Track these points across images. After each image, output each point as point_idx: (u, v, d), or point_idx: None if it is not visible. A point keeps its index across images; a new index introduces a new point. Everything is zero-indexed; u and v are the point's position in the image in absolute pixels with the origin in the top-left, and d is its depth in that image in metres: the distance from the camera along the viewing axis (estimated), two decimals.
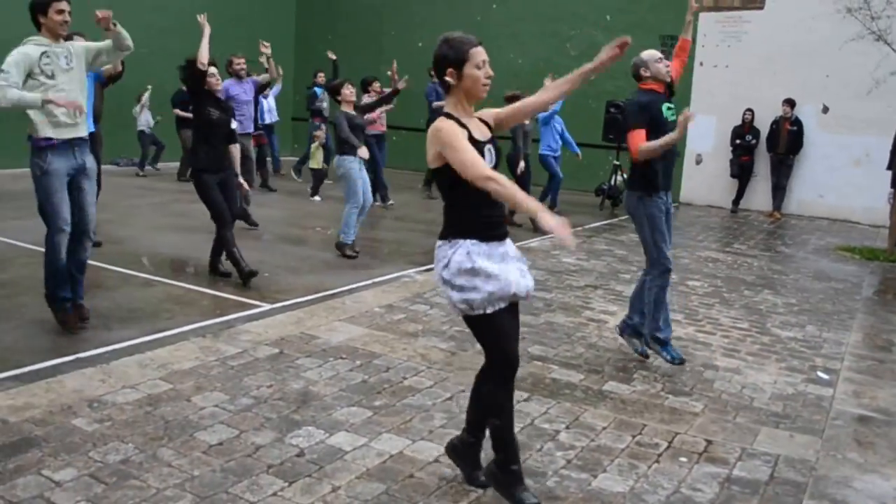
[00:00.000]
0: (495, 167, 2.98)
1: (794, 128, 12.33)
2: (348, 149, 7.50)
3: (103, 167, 7.00)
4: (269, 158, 12.86)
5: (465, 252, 2.93)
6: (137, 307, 5.61)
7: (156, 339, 4.90)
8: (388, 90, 9.59)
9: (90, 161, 5.00)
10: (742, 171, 12.81)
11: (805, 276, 8.17)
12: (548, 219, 2.64)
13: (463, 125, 2.96)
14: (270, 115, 13.62)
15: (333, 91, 7.74)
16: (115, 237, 7.90)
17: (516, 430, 3.80)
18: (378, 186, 11.12)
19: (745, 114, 12.65)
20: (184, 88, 12.22)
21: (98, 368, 4.32)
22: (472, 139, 2.92)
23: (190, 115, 7.36)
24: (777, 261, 8.96)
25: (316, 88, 13.21)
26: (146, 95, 13.06)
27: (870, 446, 3.98)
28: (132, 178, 12.94)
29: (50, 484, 3.10)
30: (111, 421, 3.68)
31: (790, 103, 12.22)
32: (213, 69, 6.30)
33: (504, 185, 2.76)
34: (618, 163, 12.21)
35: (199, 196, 6.34)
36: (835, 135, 12.42)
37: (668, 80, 4.85)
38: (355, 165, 7.49)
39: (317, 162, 11.88)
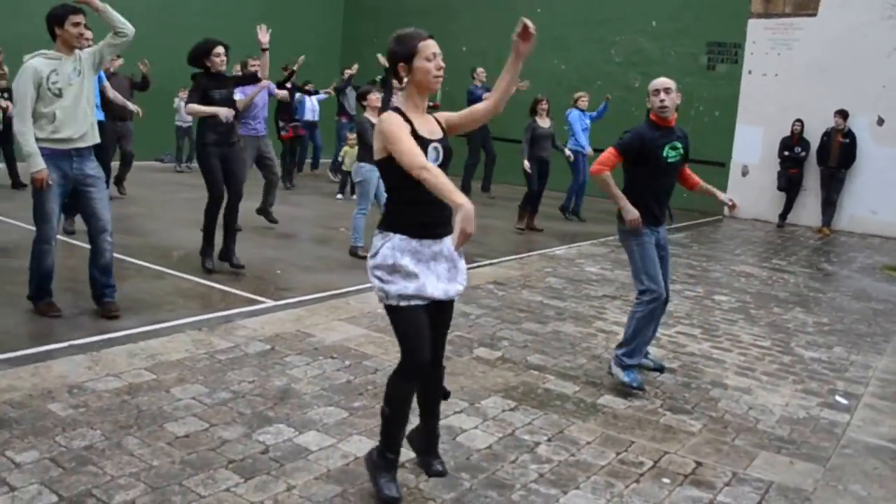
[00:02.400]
0: (442, 167, 2.97)
1: (847, 140, 11.83)
2: (367, 156, 7.45)
3: (146, 163, 7.09)
4: (296, 158, 12.94)
5: (391, 246, 2.98)
6: (142, 298, 5.65)
7: (152, 331, 4.92)
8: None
9: (92, 169, 5.00)
10: (790, 184, 12.36)
11: (843, 295, 7.79)
12: (460, 216, 2.60)
13: (408, 119, 2.98)
14: (313, 113, 13.76)
15: (361, 97, 7.72)
16: (140, 230, 8.02)
17: (495, 438, 3.72)
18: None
19: (794, 124, 12.21)
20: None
21: (88, 356, 4.35)
22: (415, 134, 2.94)
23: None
24: (816, 278, 8.58)
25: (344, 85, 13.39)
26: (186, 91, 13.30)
27: (877, 479, 3.72)
28: (172, 173, 13.19)
29: (10, 465, 3.11)
30: (86, 407, 3.68)
31: (843, 114, 11.73)
32: (219, 48, 6.29)
33: (435, 176, 2.72)
34: None
35: (199, 167, 6.54)
36: (890, 148, 11.87)
37: (665, 117, 4.55)
38: (374, 175, 7.45)
39: (348, 165, 11.90)
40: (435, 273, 3.02)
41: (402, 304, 2.98)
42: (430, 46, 3.01)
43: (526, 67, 3.41)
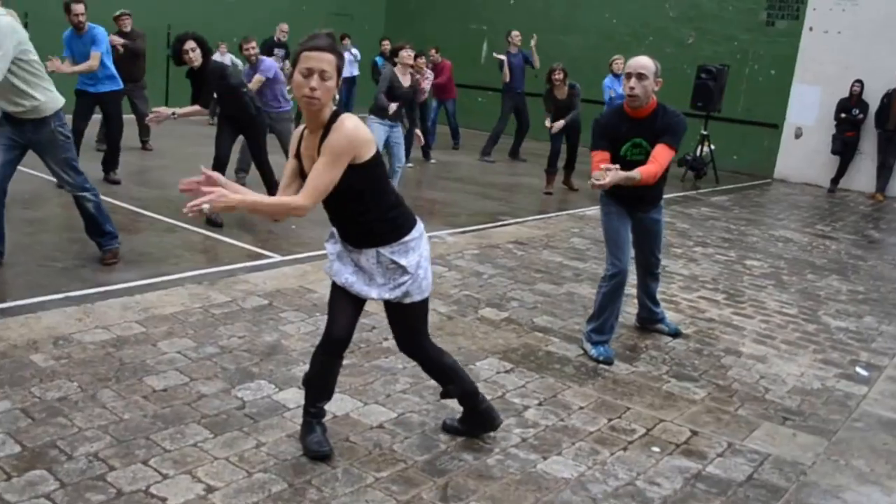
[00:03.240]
0: (328, 203, 2.87)
1: None
2: (377, 111, 7.36)
3: None
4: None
5: (330, 232, 3.10)
6: (149, 252, 5.68)
7: (152, 284, 4.94)
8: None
9: (38, 135, 4.83)
10: (845, 147, 11.80)
11: (886, 264, 7.43)
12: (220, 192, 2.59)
13: (301, 139, 2.92)
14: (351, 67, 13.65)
15: (393, 52, 7.58)
16: (160, 182, 8.07)
17: (486, 394, 3.59)
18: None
19: (853, 85, 11.61)
20: (274, 38, 12.52)
21: (81, 308, 4.38)
22: (298, 160, 2.92)
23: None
24: (860, 245, 8.20)
25: (377, 58, 13.07)
26: (224, 47, 13.24)
27: (884, 454, 3.52)
28: (206, 126, 13.24)
29: None
30: (68, 359, 3.71)
31: None
32: (189, 44, 6.21)
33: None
34: (705, 132, 11.49)
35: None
36: None
37: (634, 107, 4.10)
38: (381, 129, 7.35)
39: None
40: (354, 268, 3.00)
41: (331, 278, 3.05)
42: (308, 59, 2.67)
43: (574, 22, 3.23)
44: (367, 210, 2.89)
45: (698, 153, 11.56)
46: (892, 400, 4.19)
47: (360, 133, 2.76)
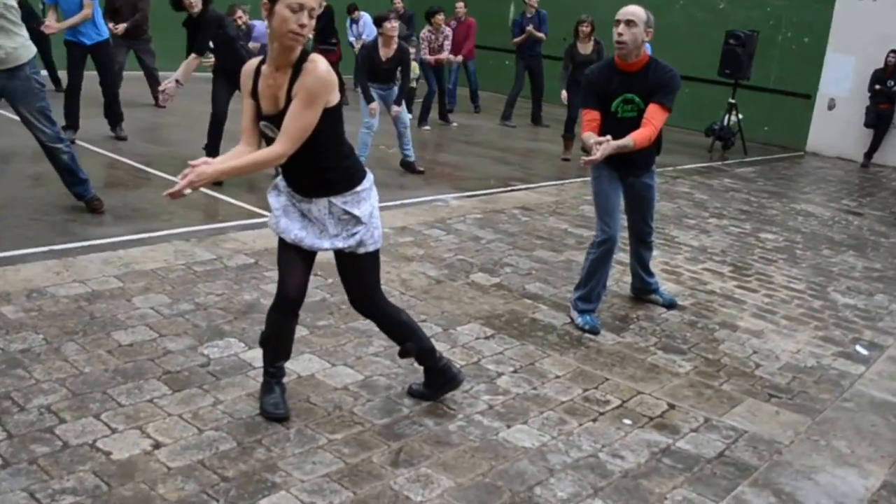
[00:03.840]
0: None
1: None
2: (374, 77, 7.30)
3: (205, 74, 7.11)
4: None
5: (274, 184, 3.01)
6: (143, 207, 5.67)
7: (140, 239, 4.93)
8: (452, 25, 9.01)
9: (13, 83, 4.88)
10: (879, 120, 11.35)
11: None
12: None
13: (257, 75, 2.83)
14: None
15: (376, 22, 7.43)
16: (167, 140, 8.07)
17: (459, 366, 3.52)
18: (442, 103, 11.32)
19: (888, 55, 11.11)
20: None
21: (62, 261, 4.37)
22: (256, 103, 2.83)
23: None
24: (885, 222, 7.91)
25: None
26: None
27: (869, 436, 3.38)
28: None
29: None
30: (38, 311, 3.70)
31: None
32: None
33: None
34: (733, 101, 11.14)
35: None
36: None
37: (622, 56, 3.95)
38: (375, 94, 7.39)
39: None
40: (302, 223, 2.94)
41: (278, 235, 2.98)
42: None
43: None
44: (325, 157, 2.84)
45: (726, 122, 11.24)
46: (889, 381, 4.03)
47: (332, 76, 2.74)
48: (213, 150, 6.48)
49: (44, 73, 8.99)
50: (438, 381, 3.24)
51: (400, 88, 7.53)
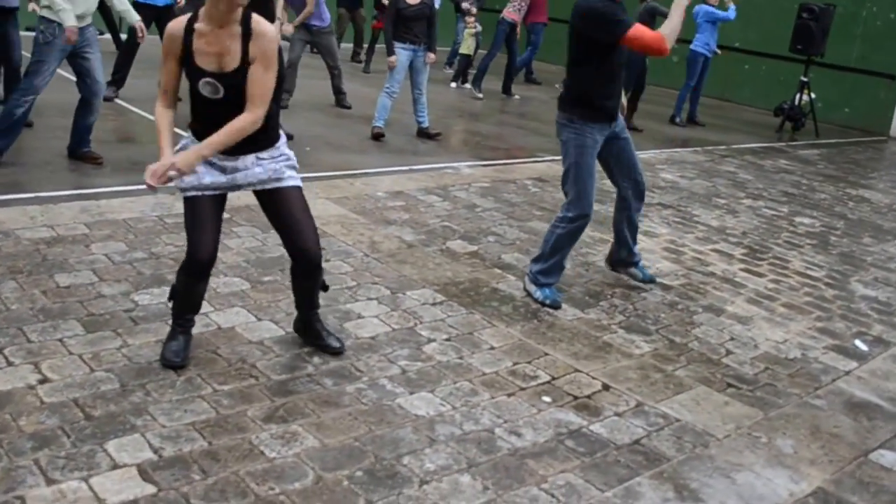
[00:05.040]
0: (225, 101, 2.81)
1: None
2: (401, 35, 7.09)
3: None
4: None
5: (182, 144, 2.98)
6: (143, 160, 5.69)
7: (126, 191, 4.96)
8: None
9: (90, 33, 5.24)
10: None
11: None
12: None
13: (189, 36, 2.79)
14: None
15: None
16: None
17: (387, 329, 3.53)
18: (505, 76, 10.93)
19: None
20: None
21: (42, 207, 4.47)
22: (188, 59, 2.80)
23: None
24: None
25: None
26: None
27: (824, 438, 3.06)
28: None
29: None
30: None
31: None
32: None
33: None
34: (805, 79, 10.41)
35: None
36: None
37: None
38: (404, 54, 7.14)
39: (467, 47, 11.38)
40: (223, 170, 2.94)
41: (186, 195, 2.95)
42: None
43: None
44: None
45: (796, 102, 10.53)
46: (880, 380, 3.65)
47: (277, 35, 2.89)
48: None
49: (106, 35, 9.33)
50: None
51: (429, 38, 7.27)
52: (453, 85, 11.31)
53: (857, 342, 4.04)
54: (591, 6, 3.81)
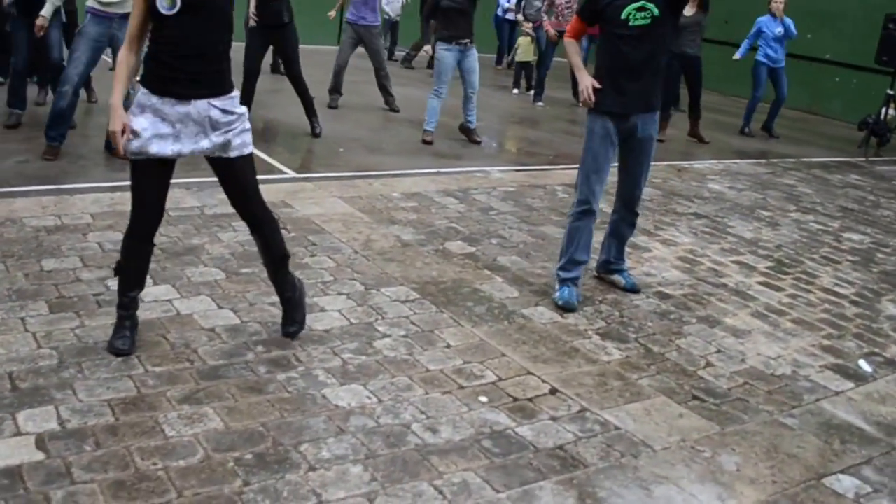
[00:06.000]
0: (181, 14, 2.85)
1: None
2: (446, 35, 7.10)
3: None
4: None
5: (136, 102, 2.96)
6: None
7: None
8: None
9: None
10: None
11: None
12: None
13: None
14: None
15: None
16: (264, 103, 8.39)
17: (343, 323, 3.59)
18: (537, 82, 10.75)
19: None
20: None
21: (58, 198, 4.74)
22: None
23: None
24: None
25: None
26: None
27: (781, 458, 2.87)
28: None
29: None
30: None
31: None
32: None
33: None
34: (891, 92, 9.79)
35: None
36: None
37: None
38: (449, 55, 7.13)
39: (526, 54, 11.31)
40: (175, 133, 2.94)
41: (133, 158, 2.97)
42: None
43: None
44: (215, 56, 2.97)
45: (882, 115, 9.90)
46: (874, 404, 3.39)
47: None
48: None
49: None
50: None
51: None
52: (515, 91, 11.29)
53: (862, 362, 3.77)
54: None
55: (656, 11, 3.73)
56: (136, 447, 2.46)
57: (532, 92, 10.83)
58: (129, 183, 5.19)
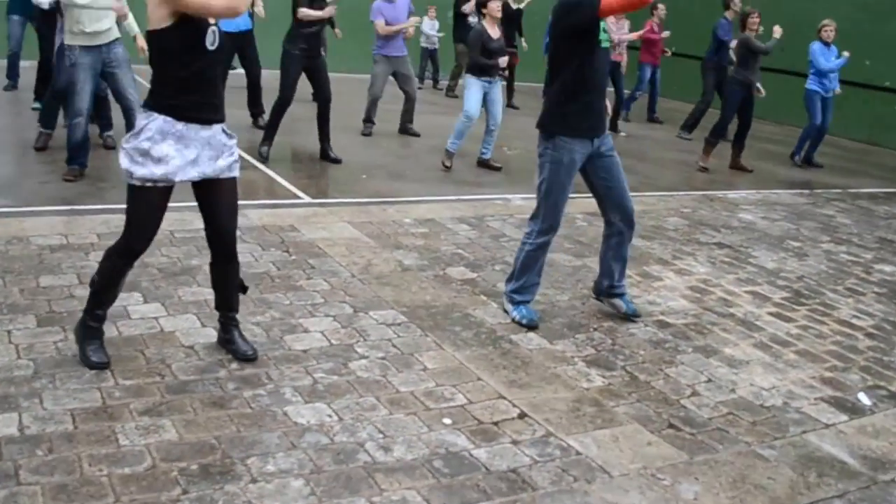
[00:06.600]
0: (218, 49, 3.08)
1: None
2: (472, 68, 7.30)
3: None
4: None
5: (152, 129, 3.04)
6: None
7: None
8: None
9: (118, 53, 5.87)
10: None
11: None
12: None
13: None
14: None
15: (480, 4, 7.42)
16: (290, 128, 8.65)
17: (322, 344, 3.70)
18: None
19: None
20: None
21: (68, 218, 4.99)
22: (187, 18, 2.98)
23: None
24: None
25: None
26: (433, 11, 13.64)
27: (746, 489, 2.84)
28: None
29: None
30: (2, 255, 4.26)
31: None
32: None
33: None
34: None
35: (280, 69, 7.08)
36: None
37: None
38: (477, 86, 7.35)
39: None
40: (196, 158, 3.11)
41: (147, 185, 3.08)
42: None
43: None
44: (225, 72, 3.25)
45: None
46: (864, 437, 3.30)
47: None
48: (270, 133, 7.07)
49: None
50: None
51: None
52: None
53: (861, 395, 3.68)
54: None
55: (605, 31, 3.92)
56: (88, 454, 2.59)
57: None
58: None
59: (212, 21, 3.06)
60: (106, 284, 3.28)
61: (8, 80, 9.40)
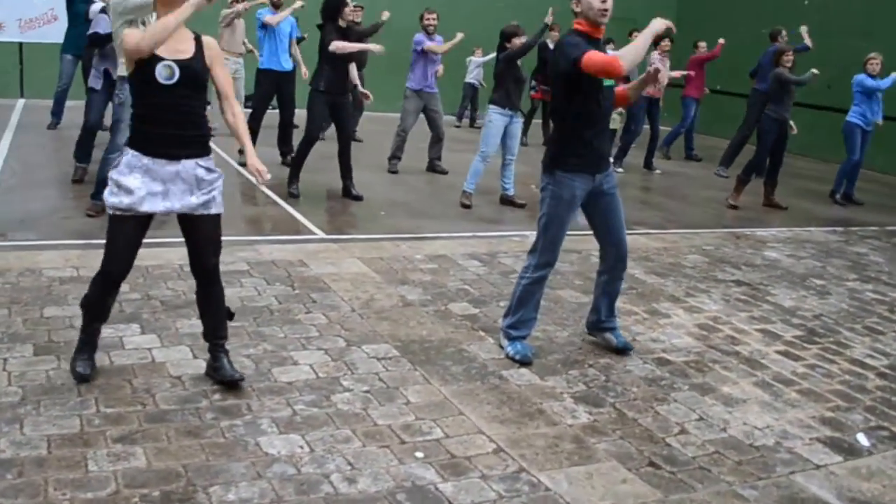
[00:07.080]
0: (178, 84, 3.22)
1: None
2: (497, 98, 7.38)
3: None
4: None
5: (124, 163, 3.31)
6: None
7: (171, 242, 5.59)
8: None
9: None
10: None
11: None
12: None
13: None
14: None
15: (506, 38, 7.53)
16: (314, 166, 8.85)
17: (308, 377, 3.81)
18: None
19: None
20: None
21: (83, 252, 5.16)
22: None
23: None
24: None
25: None
26: (480, 52, 13.87)
27: None
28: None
29: None
30: (13, 285, 4.46)
31: None
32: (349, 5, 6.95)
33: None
34: None
35: (307, 108, 7.27)
36: None
37: (601, 22, 3.83)
38: (497, 117, 7.41)
39: (613, 122, 11.42)
40: (164, 191, 3.29)
41: (118, 213, 3.30)
42: None
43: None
44: (203, 119, 3.40)
45: None
46: (856, 479, 3.23)
47: None
48: (296, 171, 7.25)
49: None
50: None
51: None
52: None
53: (860, 436, 3.59)
54: (560, 41, 4.01)
55: None
56: (55, 478, 2.69)
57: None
58: (154, 240, 5.68)
59: (165, 56, 3.18)
60: (93, 306, 3.49)
61: (52, 118, 9.84)
